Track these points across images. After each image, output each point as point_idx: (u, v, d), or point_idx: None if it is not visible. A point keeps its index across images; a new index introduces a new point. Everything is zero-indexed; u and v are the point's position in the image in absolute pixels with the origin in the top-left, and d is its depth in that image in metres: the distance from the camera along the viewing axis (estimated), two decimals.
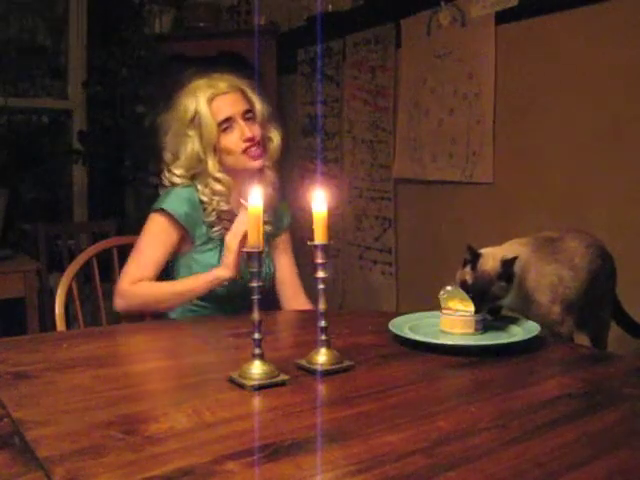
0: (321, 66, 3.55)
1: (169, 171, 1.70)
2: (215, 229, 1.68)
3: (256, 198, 1.12)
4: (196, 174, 1.69)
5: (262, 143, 1.71)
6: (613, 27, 2.21)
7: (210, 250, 1.69)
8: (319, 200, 1.18)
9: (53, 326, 1.67)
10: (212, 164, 1.67)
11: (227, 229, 1.66)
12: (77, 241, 3.31)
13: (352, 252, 3.45)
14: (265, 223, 1.74)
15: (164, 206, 1.64)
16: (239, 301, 1.68)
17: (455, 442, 0.86)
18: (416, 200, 3.07)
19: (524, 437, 0.88)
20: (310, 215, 1.19)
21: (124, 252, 2.03)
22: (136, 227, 1.78)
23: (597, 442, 0.87)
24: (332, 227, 1.20)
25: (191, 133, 1.67)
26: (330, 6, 3.39)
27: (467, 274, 1.36)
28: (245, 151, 1.66)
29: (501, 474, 0.77)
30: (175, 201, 1.64)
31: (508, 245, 1.46)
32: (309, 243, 1.19)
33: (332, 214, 1.20)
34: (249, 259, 1.12)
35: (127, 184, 3.70)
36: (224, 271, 1.54)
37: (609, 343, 1.58)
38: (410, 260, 3.12)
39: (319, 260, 1.17)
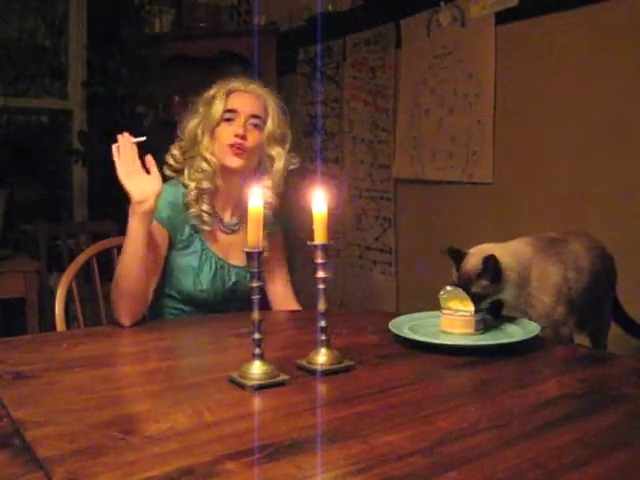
0: (321, 66, 3.55)
1: (171, 149, 1.75)
2: (192, 210, 1.67)
3: (256, 198, 1.12)
4: (188, 159, 1.71)
5: (252, 152, 1.70)
6: (613, 27, 2.21)
7: (190, 255, 1.68)
8: (319, 200, 1.18)
9: (53, 326, 1.67)
10: (205, 145, 1.70)
11: (201, 218, 1.67)
12: (77, 241, 3.31)
13: (352, 252, 3.45)
14: None
15: None
16: (219, 307, 1.70)
17: (455, 442, 0.86)
18: (416, 200, 3.07)
19: (524, 437, 0.88)
20: (310, 215, 1.19)
21: None
22: None
23: (597, 442, 0.87)
24: (332, 227, 1.20)
25: (201, 110, 1.73)
26: (330, 6, 3.39)
27: (454, 274, 1.37)
28: (230, 146, 1.67)
29: (501, 474, 0.77)
30: (158, 206, 1.64)
31: (510, 244, 1.46)
32: (309, 243, 1.19)
33: (332, 214, 1.20)
34: (249, 259, 1.12)
35: None
36: (133, 202, 1.48)
37: (609, 343, 1.58)
38: (410, 260, 3.12)
39: (319, 260, 1.17)
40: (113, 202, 3.72)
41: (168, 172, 1.72)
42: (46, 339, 1.54)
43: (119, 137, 1.52)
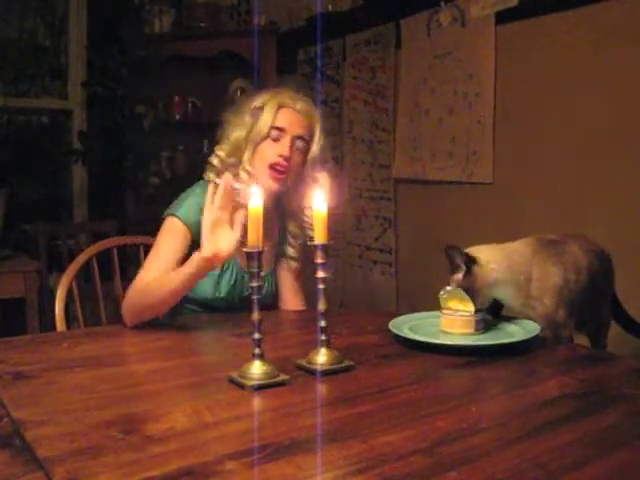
0: (321, 66, 3.55)
1: (214, 151, 1.71)
2: None
3: (256, 198, 1.12)
4: (230, 165, 1.68)
5: (291, 174, 1.66)
6: (613, 27, 2.21)
7: None
8: (319, 200, 1.18)
9: (53, 326, 1.67)
10: (247, 157, 1.66)
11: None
12: (77, 241, 3.31)
13: (352, 252, 3.45)
14: (284, 256, 1.77)
15: (177, 213, 1.62)
16: (234, 312, 1.67)
17: (455, 442, 0.86)
18: (416, 200, 3.07)
19: (524, 437, 0.88)
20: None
21: (124, 252, 2.03)
22: (136, 227, 1.77)
23: (597, 442, 0.87)
24: (332, 227, 1.20)
25: (247, 120, 1.67)
26: (330, 6, 3.39)
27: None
28: (271, 166, 1.63)
29: (501, 474, 0.77)
30: (188, 209, 1.61)
31: (509, 244, 1.46)
32: (309, 243, 1.19)
33: (332, 214, 1.20)
34: (249, 259, 1.12)
35: (127, 184, 3.70)
36: (201, 253, 1.39)
37: (609, 343, 1.58)
38: (410, 260, 3.12)
39: (319, 260, 1.17)
40: (113, 202, 3.75)
41: (211, 175, 1.68)
42: (46, 339, 1.54)
43: (223, 178, 1.42)
